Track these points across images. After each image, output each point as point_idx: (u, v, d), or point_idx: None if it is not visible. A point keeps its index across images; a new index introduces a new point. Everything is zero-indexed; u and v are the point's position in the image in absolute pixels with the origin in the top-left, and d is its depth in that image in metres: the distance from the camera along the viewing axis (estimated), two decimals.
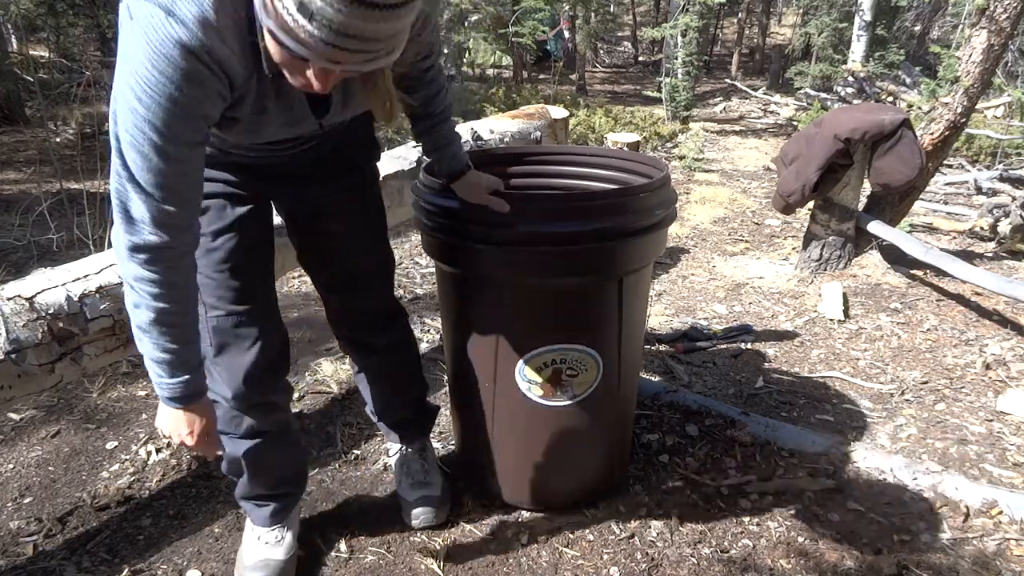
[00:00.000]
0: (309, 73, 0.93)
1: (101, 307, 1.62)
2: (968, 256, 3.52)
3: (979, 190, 4.98)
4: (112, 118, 0.97)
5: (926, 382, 2.42)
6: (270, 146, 1.28)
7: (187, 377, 1.12)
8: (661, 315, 3.00)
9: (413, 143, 2.43)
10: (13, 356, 1.48)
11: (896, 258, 3.34)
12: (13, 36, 7.23)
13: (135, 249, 1.02)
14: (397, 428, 1.78)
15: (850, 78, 8.31)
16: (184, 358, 1.12)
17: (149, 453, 1.99)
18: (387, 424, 1.78)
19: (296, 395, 2.28)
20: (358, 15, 0.76)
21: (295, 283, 3.22)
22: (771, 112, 9.42)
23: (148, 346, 1.09)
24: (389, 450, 1.87)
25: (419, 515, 1.68)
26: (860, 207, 3.38)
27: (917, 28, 11.42)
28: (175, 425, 1.16)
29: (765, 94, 10.31)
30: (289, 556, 1.54)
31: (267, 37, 0.91)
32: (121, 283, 1.30)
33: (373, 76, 1.08)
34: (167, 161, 0.98)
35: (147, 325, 1.07)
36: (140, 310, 1.06)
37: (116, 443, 2.05)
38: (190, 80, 0.94)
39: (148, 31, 0.90)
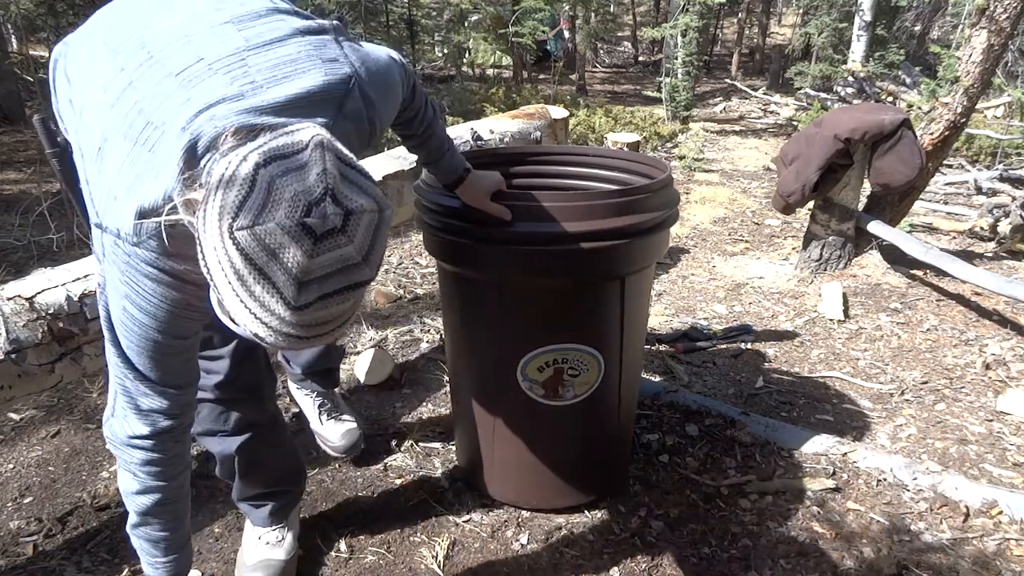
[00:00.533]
0: None
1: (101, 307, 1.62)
2: (968, 256, 3.52)
3: (979, 190, 4.98)
4: (106, 328, 0.99)
5: (926, 382, 2.42)
6: None
7: (177, 555, 1.14)
8: (661, 315, 3.00)
9: None
10: (13, 356, 1.48)
11: (896, 258, 3.34)
12: (13, 36, 7.23)
13: (147, 437, 1.03)
14: (323, 377, 1.93)
15: (850, 78, 8.30)
16: (179, 535, 1.14)
17: None
18: (313, 375, 1.91)
19: None
20: (308, 342, 0.81)
21: None
22: (771, 112, 9.42)
23: (146, 532, 1.10)
24: (301, 393, 1.99)
25: (344, 447, 1.89)
26: (860, 207, 3.38)
27: (917, 28, 11.42)
28: None
29: (765, 94, 10.31)
30: (290, 556, 1.54)
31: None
32: None
33: None
34: (174, 355, 1.01)
35: (149, 508, 1.08)
36: (143, 496, 1.07)
37: None
38: (202, 288, 0.94)
39: (154, 265, 0.91)
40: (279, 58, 0.94)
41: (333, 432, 1.92)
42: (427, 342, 2.65)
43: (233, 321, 0.80)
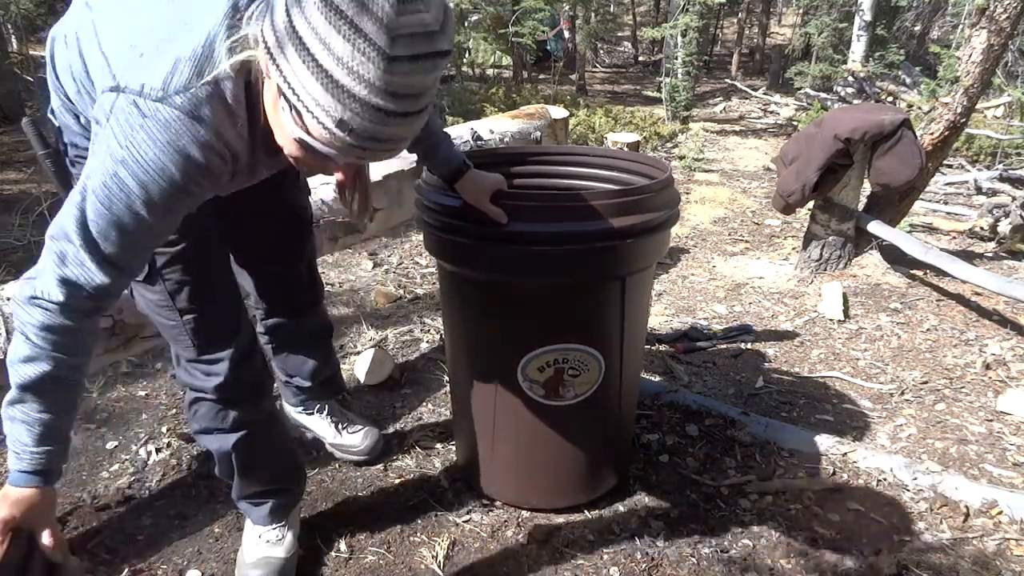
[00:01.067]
0: (327, 165, 0.97)
1: None
2: (968, 256, 3.52)
3: (979, 190, 4.99)
4: (78, 195, 0.96)
5: (926, 382, 2.42)
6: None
7: (51, 448, 0.99)
8: (661, 315, 3.00)
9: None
10: None
11: (896, 258, 3.34)
12: (13, 36, 7.23)
13: (57, 304, 0.96)
14: (327, 386, 1.91)
15: (850, 78, 8.31)
16: (59, 424, 1.00)
17: (149, 453, 1.99)
18: (318, 385, 1.87)
19: None
20: (393, 123, 0.82)
21: None
22: (771, 112, 9.42)
23: (22, 410, 0.97)
24: (309, 416, 1.94)
25: (369, 448, 1.90)
26: (860, 207, 3.38)
27: (917, 28, 11.42)
28: (11, 509, 0.96)
29: (765, 94, 10.31)
30: (290, 555, 1.54)
31: (290, 143, 0.90)
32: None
33: (361, 171, 1.17)
34: (143, 235, 0.98)
35: (33, 382, 0.96)
36: (30, 365, 0.96)
37: (116, 443, 2.05)
38: (206, 174, 0.97)
39: (169, 130, 0.92)
40: None
41: (354, 439, 1.91)
42: (427, 342, 2.65)
43: (316, 120, 0.80)
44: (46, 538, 0.99)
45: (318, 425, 1.94)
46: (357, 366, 2.34)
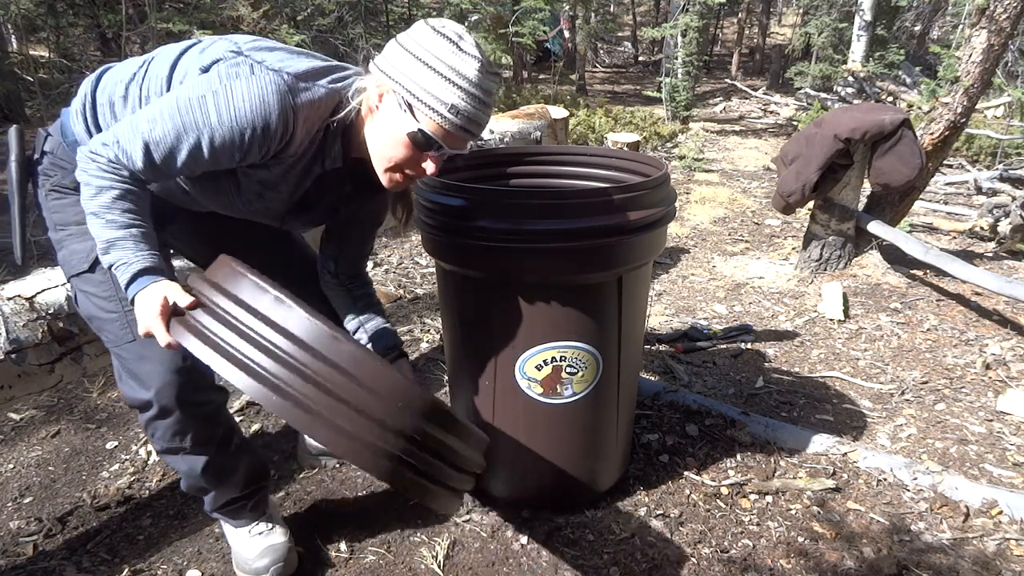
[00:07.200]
0: (423, 164, 1.20)
1: None
2: (968, 256, 3.52)
3: (979, 190, 4.99)
4: (165, 100, 1.13)
5: (926, 382, 2.42)
6: (220, 207, 1.38)
7: (153, 251, 1.15)
8: (661, 315, 3.00)
9: None
10: (13, 356, 1.48)
11: (896, 258, 3.35)
12: (13, 36, 7.22)
13: (109, 161, 1.13)
14: None
15: (850, 78, 8.31)
16: (149, 233, 1.16)
17: (149, 453, 1.99)
18: None
19: None
20: (484, 111, 1.16)
21: None
22: (771, 112, 9.43)
23: (107, 222, 1.12)
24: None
25: None
26: (860, 207, 3.38)
27: (917, 28, 11.43)
28: (154, 304, 1.09)
29: (765, 94, 10.31)
30: (288, 538, 1.54)
31: (396, 146, 1.17)
32: None
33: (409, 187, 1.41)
34: (187, 157, 1.13)
35: (111, 201, 1.12)
36: (103, 194, 1.12)
37: (116, 443, 2.05)
38: (264, 135, 1.12)
39: (266, 88, 1.10)
40: None
41: None
42: (427, 342, 2.65)
43: (430, 108, 1.11)
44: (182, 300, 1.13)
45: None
46: None
